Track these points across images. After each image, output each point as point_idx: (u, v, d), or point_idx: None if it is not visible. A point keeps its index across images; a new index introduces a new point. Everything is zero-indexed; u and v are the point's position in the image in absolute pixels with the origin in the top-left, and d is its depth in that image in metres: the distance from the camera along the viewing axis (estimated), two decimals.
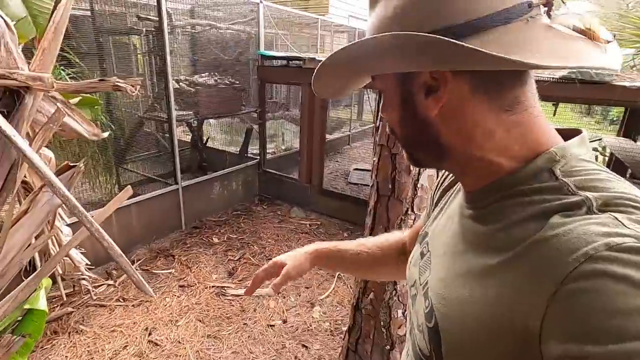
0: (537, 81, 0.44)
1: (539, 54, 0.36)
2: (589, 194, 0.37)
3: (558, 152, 0.41)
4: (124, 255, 1.07)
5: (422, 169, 1.39)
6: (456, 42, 0.35)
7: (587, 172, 0.39)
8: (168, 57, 3.26)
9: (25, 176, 1.58)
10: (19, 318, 1.32)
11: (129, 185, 1.43)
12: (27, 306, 1.25)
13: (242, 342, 2.33)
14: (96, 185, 3.60)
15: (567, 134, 0.45)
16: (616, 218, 0.34)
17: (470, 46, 0.35)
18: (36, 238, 1.44)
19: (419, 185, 1.40)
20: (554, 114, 3.30)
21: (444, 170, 0.64)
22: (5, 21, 0.99)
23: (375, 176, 1.50)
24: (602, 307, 0.30)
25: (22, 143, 1.02)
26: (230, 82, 4.04)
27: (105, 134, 1.55)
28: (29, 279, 1.24)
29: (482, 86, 0.41)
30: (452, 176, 0.61)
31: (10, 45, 1.03)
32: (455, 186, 0.57)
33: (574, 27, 0.39)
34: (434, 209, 0.63)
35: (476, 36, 0.38)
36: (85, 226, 1.07)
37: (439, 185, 0.64)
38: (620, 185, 0.38)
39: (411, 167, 1.38)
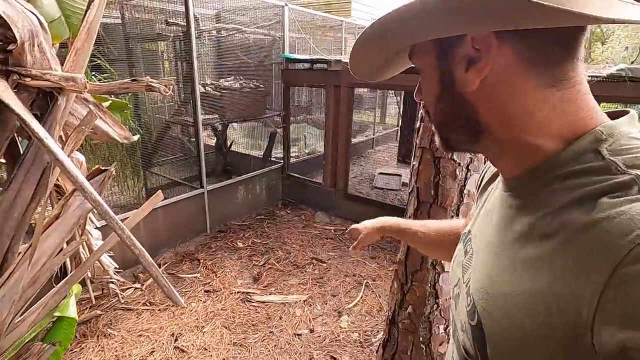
0: None
1: (599, 9, 0.32)
2: None
3: (604, 131, 0.38)
4: (155, 264, 1.02)
5: (469, 174, 1.28)
6: None
7: (639, 149, 0.36)
8: (195, 62, 3.27)
9: (57, 180, 1.57)
10: (49, 325, 1.30)
11: (160, 190, 1.39)
12: (57, 313, 1.22)
13: (269, 351, 2.26)
14: (124, 188, 3.65)
15: (615, 115, 0.41)
16: None
17: None
18: (67, 243, 1.42)
19: (465, 192, 1.29)
20: None
21: (484, 166, 0.62)
22: (39, 20, 0.97)
23: (415, 181, 1.40)
24: None
25: (55, 146, 0.99)
26: (255, 85, 4.03)
27: (136, 138, 1.53)
28: (59, 285, 1.21)
29: (528, 58, 0.38)
30: (492, 170, 0.58)
31: (44, 46, 1.01)
32: (496, 181, 0.55)
33: None
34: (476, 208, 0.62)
35: None
36: (117, 232, 1.02)
37: (480, 184, 0.63)
38: None
39: (457, 171, 1.27)
